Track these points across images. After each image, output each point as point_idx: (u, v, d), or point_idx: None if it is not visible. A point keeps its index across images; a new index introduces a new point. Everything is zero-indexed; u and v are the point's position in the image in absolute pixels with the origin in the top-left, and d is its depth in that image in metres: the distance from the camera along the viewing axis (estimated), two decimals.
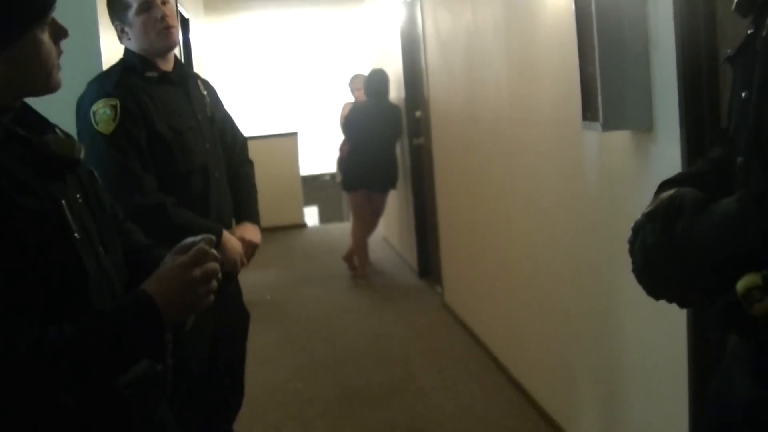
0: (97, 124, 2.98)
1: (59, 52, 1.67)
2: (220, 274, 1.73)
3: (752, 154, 1.47)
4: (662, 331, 2.90)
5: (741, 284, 1.39)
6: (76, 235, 1.64)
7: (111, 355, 1.58)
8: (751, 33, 1.53)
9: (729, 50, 1.66)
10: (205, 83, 3.49)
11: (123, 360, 1.62)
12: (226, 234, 3.21)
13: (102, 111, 2.99)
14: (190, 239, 1.73)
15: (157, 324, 1.61)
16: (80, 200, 1.71)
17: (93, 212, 1.75)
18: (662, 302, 1.66)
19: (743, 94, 1.51)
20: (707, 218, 1.46)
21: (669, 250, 1.52)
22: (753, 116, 1.46)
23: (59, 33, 1.66)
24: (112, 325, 1.59)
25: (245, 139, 3.61)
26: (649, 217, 1.58)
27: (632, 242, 1.63)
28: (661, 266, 1.54)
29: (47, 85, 1.66)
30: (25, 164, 1.60)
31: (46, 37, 1.63)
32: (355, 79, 8.62)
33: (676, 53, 2.69)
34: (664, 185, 1.66)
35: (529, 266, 4.44)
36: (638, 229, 1.61)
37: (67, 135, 1.78)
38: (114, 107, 2.99)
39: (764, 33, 1.46)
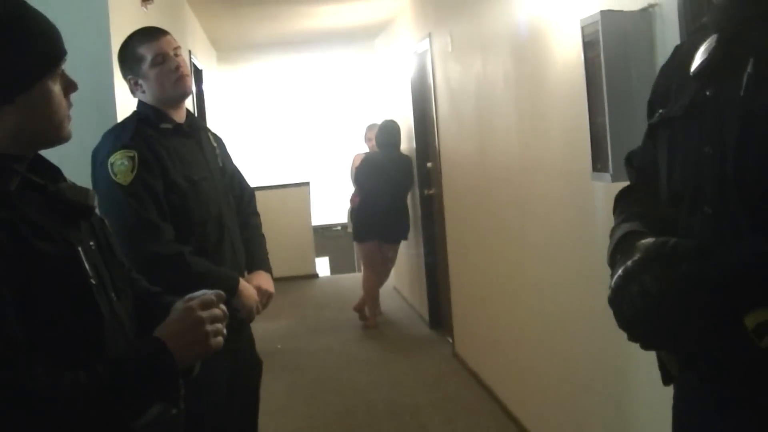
0: (116, 175, 3.02)
1: (69, 105, 1.71)
2: (225, 328, 1.77)
3: (723, 205, 1.56)
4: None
5: (751, 319, 1.44)
6: (92, 281, 1.66)
7: (126, 399, 1.61)
8: (711, 94, 1.62)
9: (661, 111, 1.77)
10: (215, 136, 3.54)
11: (138, 404, 1.63)
12: (242, 282, 3.24)
13: (120, 162, 3.02)
14: (200, 292, 1.77)
15: (171, 367, 1.65)
16: (93, 247, 1.73)
17: (105, 259, 1.77)
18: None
19: (706, 149, 1.60)
20: (723, 260, 1.50)
21: (675, 295, 1.53)
22: (731, 167, 1.54)
23: (69, 86, 1.71)
24: (128, 370, 1.62)
25: (253, 192, 3.64)
26: (641, 266, 1.59)
27: (619, 294, 1.64)
28: (665, 312, 1.55)
29: (58, 135, 1.70)
30: (42, 211, 1.63)
31: (57, 88, 1.67)
32: (371, 128, 8.67)
33: None
34: (628, 237, 1.72)
35: (540, 317, 4.43)
36: (630, 278, 1.61)
37: (76, 185, 1.81)
38: (132, 158, 3.03)
39: (742, 93, 1.55)
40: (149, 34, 3.22)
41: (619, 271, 1.64)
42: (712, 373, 1.60)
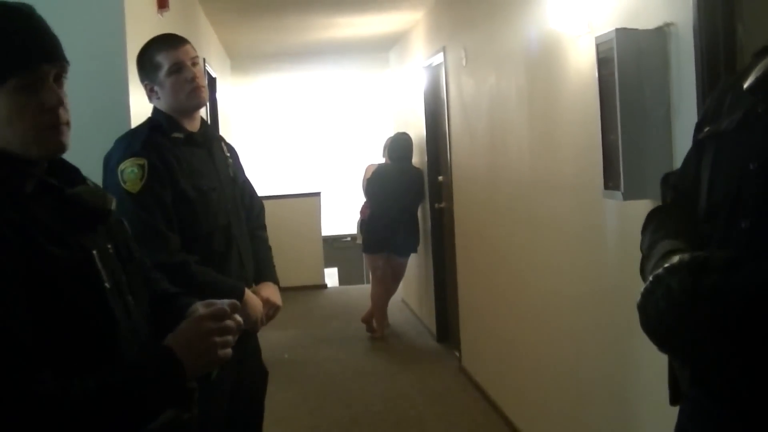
0: (125, 183, 3.02)
1: (56, 116, 1.63)
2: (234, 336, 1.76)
3: (761, 219, 1.57)
4: None
5: None
6: (106, 284, 1.66)
7: (134, 406, 1.60)
8: (762, 110, 1.62)
9: (709, 127, 1.77)
10: (229, 146, 3.54)
11: (146, 412, 1.63)
12: (248, 293, 3.23)
13: (130, 170, 3.02)
14: (218, 301, 1.78)
15: (180, 375, 1.64)
16: (110, 250, 1.73)
17: (123, 262, 1.77)
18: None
19: (752, 166, 1.60)
20: (753, 276, 1.50)
21: (698, 300, 1.52)
22: None
23: (48, 99, 1.63)
24: (136, 377, 1.61)
25: (263, 205, 3.65)
26: (672, 270, 1.58)
27: (647, 298, 1.61)
28: (685, 317, 1.54)
29: (39, 150, 1.64)
30: (57, 215, 1.62)
31: (21, 98, 1.59)
32: None
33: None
34: (670, 252, 1.68)
35: (548, 333, 4.42)
36: (659, 282, 1.59)
37: (96, 186, 1.81)
38: (142, 166, 3.03)
39: None
40: (168, 42, 3.22)
41: (650, 278, 1.62)
42: (724, 392, 1.58)
